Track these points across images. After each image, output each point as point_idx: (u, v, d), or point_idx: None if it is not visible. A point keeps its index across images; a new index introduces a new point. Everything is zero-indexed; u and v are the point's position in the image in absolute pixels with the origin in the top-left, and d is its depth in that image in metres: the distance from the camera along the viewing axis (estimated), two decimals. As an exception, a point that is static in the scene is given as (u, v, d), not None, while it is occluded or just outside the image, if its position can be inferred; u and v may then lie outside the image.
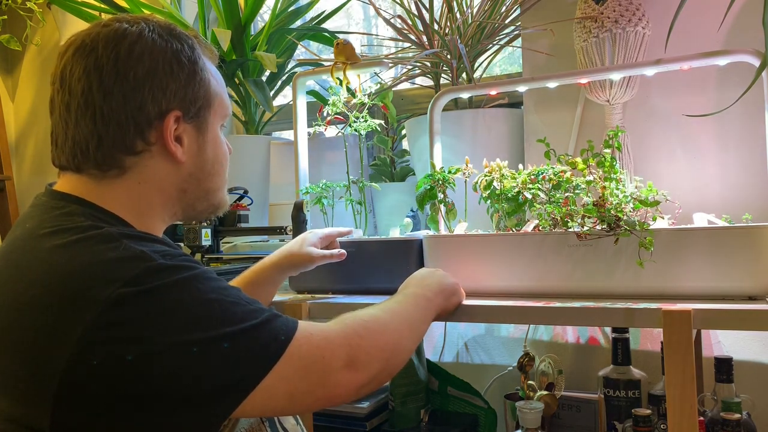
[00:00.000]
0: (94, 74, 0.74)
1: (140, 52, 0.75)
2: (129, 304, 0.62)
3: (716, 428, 1.01)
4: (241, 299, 0.69)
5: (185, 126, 0.78)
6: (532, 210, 1.07)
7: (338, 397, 0.72)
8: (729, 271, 0.91)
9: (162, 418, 0.62)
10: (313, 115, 1.40)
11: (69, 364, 0.60)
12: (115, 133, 0.74)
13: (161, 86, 0.75)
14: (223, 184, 0.87)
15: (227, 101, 0.86)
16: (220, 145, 0.85)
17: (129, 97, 0.74)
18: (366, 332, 0.76)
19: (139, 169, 0.76)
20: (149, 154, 0.77)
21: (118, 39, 0.75)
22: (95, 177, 0.76)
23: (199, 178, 0.82)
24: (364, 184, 1.33)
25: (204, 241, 1.36)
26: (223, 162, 0.86)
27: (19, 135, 2.35)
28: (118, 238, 0.68)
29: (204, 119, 0.81)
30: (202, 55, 0.81)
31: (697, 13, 1.27)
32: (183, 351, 0.62)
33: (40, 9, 2.07)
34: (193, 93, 0.78)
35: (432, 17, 1.43)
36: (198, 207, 0.84)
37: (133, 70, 0.74)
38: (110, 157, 0.75)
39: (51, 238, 0.68)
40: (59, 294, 0.63)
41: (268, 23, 1.76)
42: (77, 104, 0.74)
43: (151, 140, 0.76)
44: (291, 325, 0.71)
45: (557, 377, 1.23)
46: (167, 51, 0.76)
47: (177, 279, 0.66)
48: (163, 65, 0.76)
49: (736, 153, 1.27)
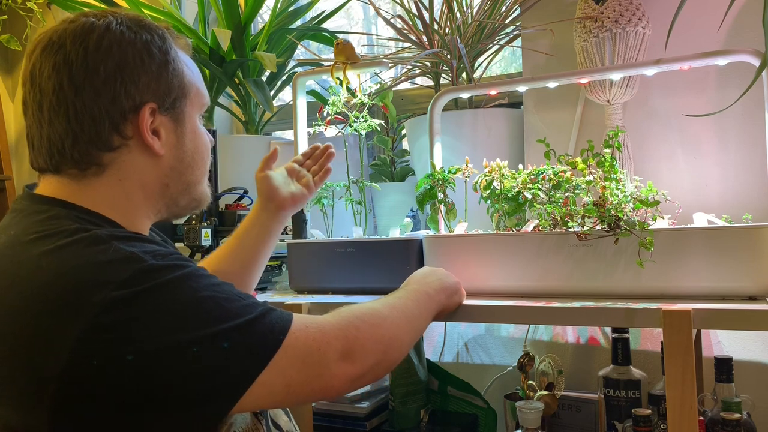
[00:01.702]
0: (64, 70, 0.72)
1: (108, 45, 0.73)
2: (122, 307, 0.62)
3: (716, 428, 1.00)
4: (234, 295, 0.69)
5: (162, 118, 0.77)
6: (532, 210, 1.07)
7: (334, 388, 0.72)
8: (729, 271, 0.91)
9: (162, 418, 0.62)
10: (313, 115, 1.40)
11: (65, 370, 0.60)
12: (90, 129, 0.73)
13: (133, 78, 0.74)
14: (203, 176, 0.85)
15: (204, 91, 0.84)
16: (200, 135, 0.84)
17: (101, 92, 0.73)
18: (362, 324, 0.76)
19: (118, 166, 0.75)
20: (127, 149, 0.75)
21: (86, 33, 0.73)
22: (75, 177, 0.75)
23: (180, 170, 0.80)
24: (364, 184, 1.33)
25: (204, 241, 1.36)
26: (204, 153, 0.84)
27: (19, 135, 2.35)
28: (107, 240, 0.67)
29: (181, 110, 0.80)
30: (175, 46, 0.80)
31: (697, 13, 1.27)
32: (179, 350, 0.62)
33: (40, 9, 2.07)
34: (167, 84, 0.77)
35: (432, 17, 1.43)
36: (181, 202, 0.83)
37: (103, 64, 0.73)
38: (87, 155, 0.74)
39: (38, 244, 0.67)
40: (51, 300, 0.62)
41: (268, 23, 1.76)
42: (49, 103, 0.73)
43: (128, 134, 0.75)
44: (286, 318, 0.71)
45: (557, 377, 1.23)
46: (137, 42, 0.75)
47: (169, 279, 0.65)
48: (134, 57, 0.74)
49: (736, 153, 1.27)
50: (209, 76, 1.78)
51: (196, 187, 0.84)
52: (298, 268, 1.23)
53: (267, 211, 1.07)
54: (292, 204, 1.09)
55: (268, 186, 1.07)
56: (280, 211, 1.08)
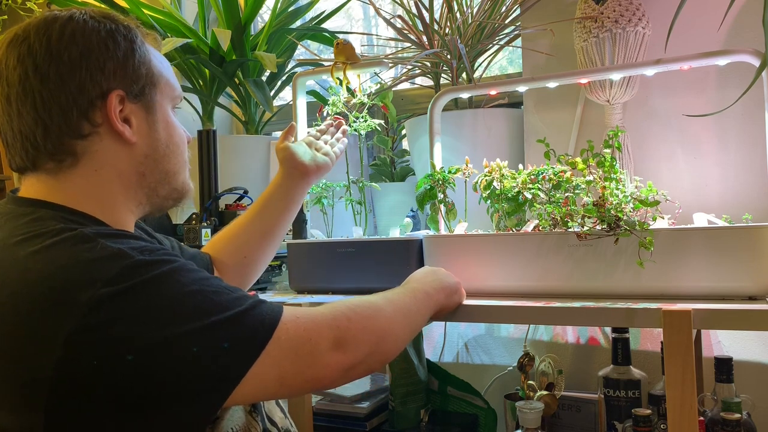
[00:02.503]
0: (28, 60, 0.73)
1: (71, 33, 0.74)
2: (111, 304, 0.62)
3: (716, 428, 1.01)
4: (223, 288, 0.69)
5: (131, 106, 0.78)
6: (532, 210, 1.07)
7: (327, 378, 0.72)
8: (729, 271, 0.91)
9: (155, 413, 0.62)
10: (313, 115, 1.40)
11: (57, 369, 0.60)
12: (59, 118, 0.73)
13: (98, 65, 0.74)
14: (182, 167, 0.86)
15: (174, 83, 0.85)
16: (174, 127, 0.84)
17: (66, 79, 0.73)
18: (354, 315, 0.76)
19: (91, 155, 0.76)
20: (98, 137, 0.76)
21: (49, 24, 0.74)
22: (52, 172, 0.75)
23: (155, 158, 0.81)
24: (364, 184, 1.33)
25: (204, 241, 1.36)
26: (179, 144, 0.85)
27: (19, 135, 2.35)
28: (94, 237, 0.67)
29: (151, 99, 0.80)
30: (143, 40, 0.80)
31: (697, 13, 1.27)
32: (170, 345, 0.62)
33: (40, 9, 2.07)
34: (134, 71, 0.77)
35: (432, 17, 1.43)
36: (161, 192, 0.83)
37: (68, 51, 0.73)
38: (60, 144, 0.74)
39: (25, 245, 0.67)
40: (40, 300, 0.62)
41: (268, 23, 1.76)
42: (16, 93, 0.74)
43: (97, 121, 0.75)
44: (277, 310, 0.71)
45: (557, 377, 1.23)
46: (101, 30, 0.76)
47: (157, 274, 0.65)
48: (98, 44, 0.75)
49: (736, 153, 1.27)
50: (209, 76, 1.78)
51: (176, 177, 0.84)
52: (298, 268, 1.23)
53: (291, 179, 1.10)
54: (316, 171, 1.13)
55: (292, 154, 1.10)
56: (304, 177, 1.11)
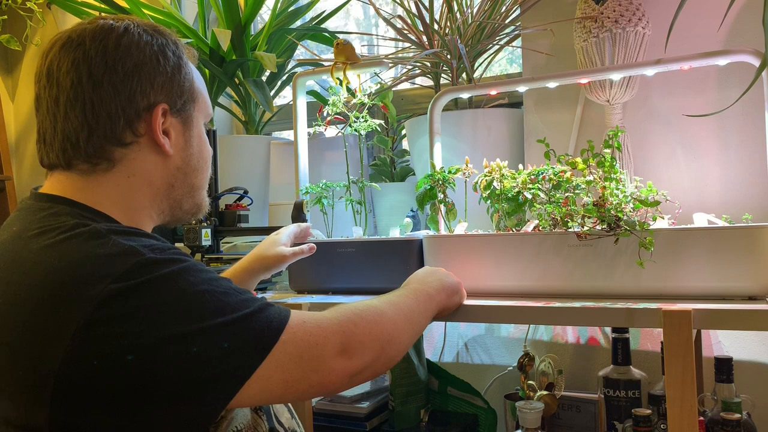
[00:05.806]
0: (83, 66, 0.74)
1: (127, 45, 0.76)
2: (120, 300, 0.62)
3: (716, 428, 1.01)
4: (232, 289, 0.70)
5: (172, 120, 0.80)
6: (532, 210, 1.07)
7: (332, 383, 0.72)
8: (729, 271, 0.91)
9: (159, 411, 0.63)
10: (313, 115, 1.40)
11: (63, 363, 0.60)
12: (106, 124, 0.75)
13: (149, 78, 0.77)
14: (205, 182, 0.88)
15: (209, 101, 0.88)
16: (205, 142, 0.87)
17: (119, 89, 0.75)
18: (360, 320, 0.76)
19: (128, 162, 0.77)
20: (138, 147, 0.77)
21: (105, 33, 0.76)
22: (84, 173, 0.76)
23: (186, 172, 0.83)
24: (364, 184, 1.33)
25: (204, 241, 1.36)
26: (208, 159, 0.87)
27: (19, 135, 2.35)
28: (106, 234, 0.68)
29: (189, 114, 0.82)
30: (184, 54, 0.83)
31: (697, 13, 1.27)
32: (177, 344, 0.62)
33: (40, 9, 2.07)
34: (179, 87, 0.80)
35: (432, 17, 1.43)
36: (185, 205, 0.85)
37: (122, 62, 0.75)
38: (100, 149, 0.75)
39: (38, 239, 0.68)
40: (50, 293, 0.63)
41: (268, 23, 1.76)
42: (66, 97, 0.75)
43: (140, 131, 0.77)
44: (284, 314, 0.71)
45: (557, 377, 1.23)
46: (153, 45, 0.78)
47: (167, 272, 0.66)
48: (151, 58, 0.77)
49: (736, 153, 1.27)
50: (209, 76, 1.78)
51: (199, 192, 0.87)
52: (298, 268, 1.23)
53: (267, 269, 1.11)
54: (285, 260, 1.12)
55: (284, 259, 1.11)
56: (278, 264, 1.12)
